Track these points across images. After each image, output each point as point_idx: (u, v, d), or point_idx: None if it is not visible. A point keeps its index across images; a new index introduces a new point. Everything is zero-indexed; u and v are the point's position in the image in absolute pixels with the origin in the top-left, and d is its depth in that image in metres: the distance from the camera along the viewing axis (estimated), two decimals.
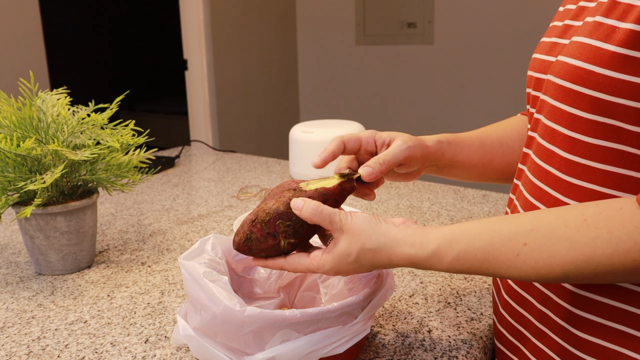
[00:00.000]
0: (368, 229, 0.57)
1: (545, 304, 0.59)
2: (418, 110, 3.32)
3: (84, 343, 0.70)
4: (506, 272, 0.52)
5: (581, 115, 0.53)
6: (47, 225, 0.86)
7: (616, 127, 0.51)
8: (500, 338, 0.67)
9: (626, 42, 0.49)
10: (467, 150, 0.76)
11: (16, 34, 2.51)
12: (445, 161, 0.74)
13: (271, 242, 0.60)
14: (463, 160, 0.76)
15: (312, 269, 0.59)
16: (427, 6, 3.14)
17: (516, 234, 0.51)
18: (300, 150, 1.38)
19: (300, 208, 0.58)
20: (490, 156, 0.78)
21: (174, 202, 1.28)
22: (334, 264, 0.58)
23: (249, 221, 0.61)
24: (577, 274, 0.49)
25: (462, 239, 0.54)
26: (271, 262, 0.61)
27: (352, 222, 0.57)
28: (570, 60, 0.54)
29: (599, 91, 0.51)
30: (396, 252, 0.56)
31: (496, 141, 0.78)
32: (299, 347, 0.56)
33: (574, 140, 0.54)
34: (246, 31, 3.28)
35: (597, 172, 0.53)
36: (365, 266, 0.58)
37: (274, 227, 0.59)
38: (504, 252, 0.51)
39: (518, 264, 0.51)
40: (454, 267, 0.54)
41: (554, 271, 0.49)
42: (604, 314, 0.54)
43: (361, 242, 0.56)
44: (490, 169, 0.78)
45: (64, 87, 0.95)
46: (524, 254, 0.50)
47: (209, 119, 3.14)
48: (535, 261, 0.50)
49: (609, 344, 0.54)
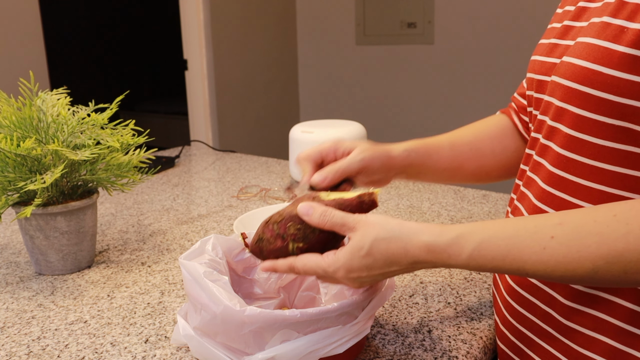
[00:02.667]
0: (382, 220, 0.54)
1: (549, 304, 0.59)
2: (418, 110, 3.32)
3: (84, 343, 0.70)
4: (531, 267, 0.49)
5: (588, 116, 0.52)
6: (47, 225, 0.86)
7: (625, 129, 0.50)
8: (504, 339, 0.67)
9: (636, 43, 0.48)
10: (436, 157, 0.76)
11: (16, 34, 2.51)
12: (413, 169, 0.75)
13: (280, 243, 0.59)
14: (431, 167, 0.76)
15: (323, 266, 0.56)
16: (427, 6, 3.14)
17: (542, 228, 0.49)
18: (300, 150, 1.38)
19: (308, 213, 0.56)
20: (459, 161, 0.77)
21: (174, 202, 1.28)
22: (346, 260, 0.54)
23: (263, 223, 0.61)
24: (606, 271, 0.46)
25: (484, 230, 0.51)
26: (281, 262, 0.59)
27: (365, 219, 0.55)
28: (577, 61, 0.53)
29: (608, 92, 0.50)
30: (413, 240, 0.52)
31: (467, 145, 0.78)
32: (299, 347, 0.56)
33: (580, 141, 0.54)
34: (246, 31, 3.28)
35: (605, 172, 0.52)
36: (379, 261, 0.54)
37: (284, 229, 0.59)
38: (529, 245, 0.48)
39: (544, 258, 0.48)
40: (474, 259, 0.51)
41: (583, 266, 0.47)
42: (611, 313, 0.54)
43: (375, 233, 0.53)
44: (460, 173, 0.78)
45: (64, 87, 0.95)
46: (551, 248, 0.48)
47: (209, 119, 3.14)
48: (564, 255, 0.47)
49: (617, 344, 0.54)
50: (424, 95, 3.28)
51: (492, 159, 0.79)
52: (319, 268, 0.56)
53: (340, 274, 0.55)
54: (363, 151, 0.69)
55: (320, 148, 0.70)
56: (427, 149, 0.75)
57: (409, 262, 0.53)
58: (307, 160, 0.69)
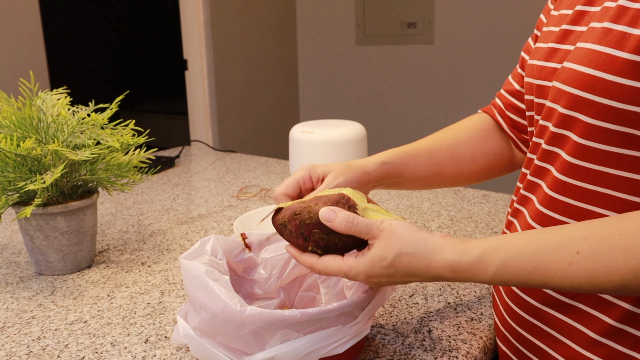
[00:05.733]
0: (407, 233, 0.54)
1: (548, 304, 0.59)
2: (418, 110, 3.32)
3: (84, 343, 0.70)
4: (557, 282, 0.48)
5: (591, 122, 0.52)
6: (47, 225, 0.86)
7: (629, 135, 0.50)
8: (504, 341, 0.67)
9: (638, 49, 0.48)
10: (413, 166, 0.76)
11: (16, 34, 2.51)
12: (390, 180, 0.75)
13: (301, 242, 0.59)
14: (409, 176, 0.76)
15: (344, 269, 0.56)
16: (427, 6, 3.14)
17: (567, 242, 0.48)
18: (300, 150, 1.38)
19: (332, 220, 0.56)
20: (438, 168, 0.77)
21: (174, 202, 1.28)
22: (367, 267, 0.55)
23: (292, 211, 0.59)
24: (635, 285, 0.46)
25: (508, 246, 0.50)
26: (305, 258, 0.59)
27: (390, 226, 0.55)
28: (579, 67, 0.53)
29: (611, 99, 0.50)
30: (436, 258, 0.52)
31: (446, 151, 0.78)
32: (299, 347, 0.56)
33: (584, 147, 0.53)
34: (246, 31, 3.28)
35: (610, 177, 0.52)
36: (400, 272, 0.54)
37: (309, 232, 0.58)
38: (555, 261, 0.48)
39: (571, 273, 0.47)
40: (499, 277, 0.50)
41: (611, 281, 0.46)
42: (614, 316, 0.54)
43: (399, 245, 0.53)
44: (439, 179, 0.79)
45: (64, 87, 0.95)
46: (577, 263, 0.47)
47: (209, 119, 3.14)
48: (590, 271, 0.47)
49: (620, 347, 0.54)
50: (424, 95, 3.28)
51: (472, 163, 0.79)
52: (340, 271, 0.57)
53: (360, 278, 0.56)
54: (337, 177, 0.70)
55: (296, 178, 0.70)
56: (404, 159, 0.75)
57: (430, 277, 0.54)
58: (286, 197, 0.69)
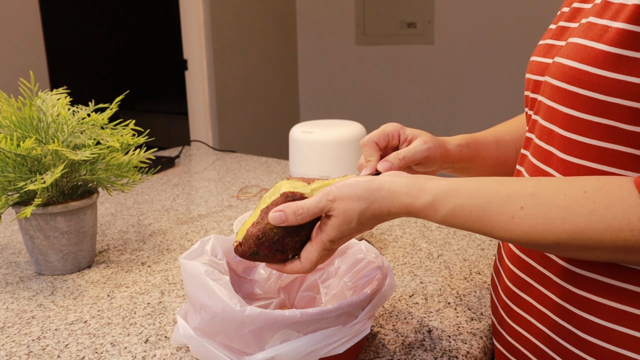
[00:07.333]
0: (358, 190, 0.57)
1: (545, 303, 0.59)
2: (418, 110, 3.32)
3: (84, 343, 0.70)
4: (498, 232, 0.52)
5: (577, 115, 0.53)
6: (47, 225, 0.86)
7: (612, 127, 0.51)
8: (500, 339, 0.67)
9: (618, 41, 0.49)
10: (484, 152, 0.77)
11: (16, 34, 2.51)
12: (462, 164, 0.75)
13: (279, 256, 0.61)
14: (479, 162, 0.77)
15: (324, 248, 0.59)
16: (427, 6, 3.14)
17: (515, 197, 0.51)
18: (300, 150, 1.38)
19: (285, 219, 0.58)
20: (504, 157, 0.78)
21: (174, 202, 1.28)
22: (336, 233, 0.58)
23: (255, 237, 0.59)
24: (567, 245, 0.49)
25: (459, 194, 0.54)
26: (289, 268, 0.62)
27: (339, 191, 0.57)
28: (566, 61, 0.54)
29: (594, 91, 0.51)
30: (394, 202, 0.56)
31: (510, 142, 0.79)
32: (299, 347, 0.56)
33: (570, 141, 0.55)
34: (246, 31, 3.28)
35: (593, 171, 0.53)
36: (366, 224, 0.58)
37: (282, 245, 0.59)
38: (499, 213, 0.52)
39: (512, 226, 0.51)
40: (447, 221, 0.55)
41: (546, 238, 0.50)
42: (607, 297, 0.54)
43: (358, 205, 0.57)
44: (504, 168, 0.79)
45: (64, 87, 0.95)
46: (519, 218, 0.51)
47: (209, 119, 3.14)
48: (529, 226, 0.50)
49: (619, 327, 0.54)
50: (424, 95, 3.28)
51: None
52: (323, 254, 0.60)
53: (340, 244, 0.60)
54: (428, 141, 0.70)
55: (387, 130, 0.71)
56: (477, 145, 0.76)
57: (391, 217, 0.58)
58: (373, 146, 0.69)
